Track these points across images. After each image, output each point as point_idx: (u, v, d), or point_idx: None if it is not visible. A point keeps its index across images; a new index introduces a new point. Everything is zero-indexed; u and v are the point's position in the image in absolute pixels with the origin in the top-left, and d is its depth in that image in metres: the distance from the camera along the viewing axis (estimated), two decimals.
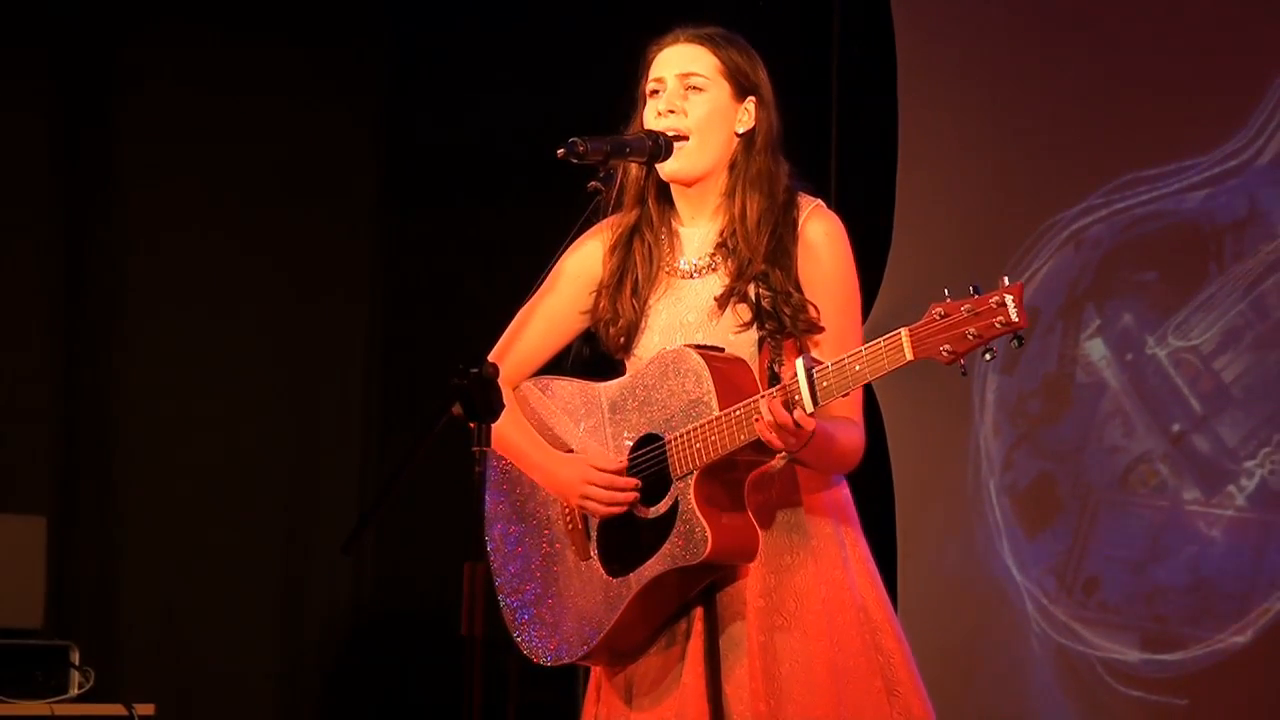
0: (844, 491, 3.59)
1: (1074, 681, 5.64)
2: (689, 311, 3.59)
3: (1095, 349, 5.69)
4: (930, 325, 3.21)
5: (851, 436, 3.50)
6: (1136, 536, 5.58)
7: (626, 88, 3.66)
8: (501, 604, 3.66)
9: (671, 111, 3.56)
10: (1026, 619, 5.71)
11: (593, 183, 3.51)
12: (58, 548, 6.06)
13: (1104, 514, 5.63)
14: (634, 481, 3.51)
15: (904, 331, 3.23)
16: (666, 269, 3.63)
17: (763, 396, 3.34)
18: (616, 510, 3.52)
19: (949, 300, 3.21)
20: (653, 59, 3.63)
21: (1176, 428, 5.55)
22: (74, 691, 5.65)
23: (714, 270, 3.59)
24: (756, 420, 3.32)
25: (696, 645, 3.49)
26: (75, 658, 5.68)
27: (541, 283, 3.58)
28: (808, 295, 3.52)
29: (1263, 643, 5.35)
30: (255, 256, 6.64)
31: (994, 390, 5.84)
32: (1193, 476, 5.50)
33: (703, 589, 3.49)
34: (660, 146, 3.54)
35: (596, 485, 3.53)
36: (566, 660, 3.60)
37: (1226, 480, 5.45)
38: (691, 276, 3.61)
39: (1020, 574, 5.74)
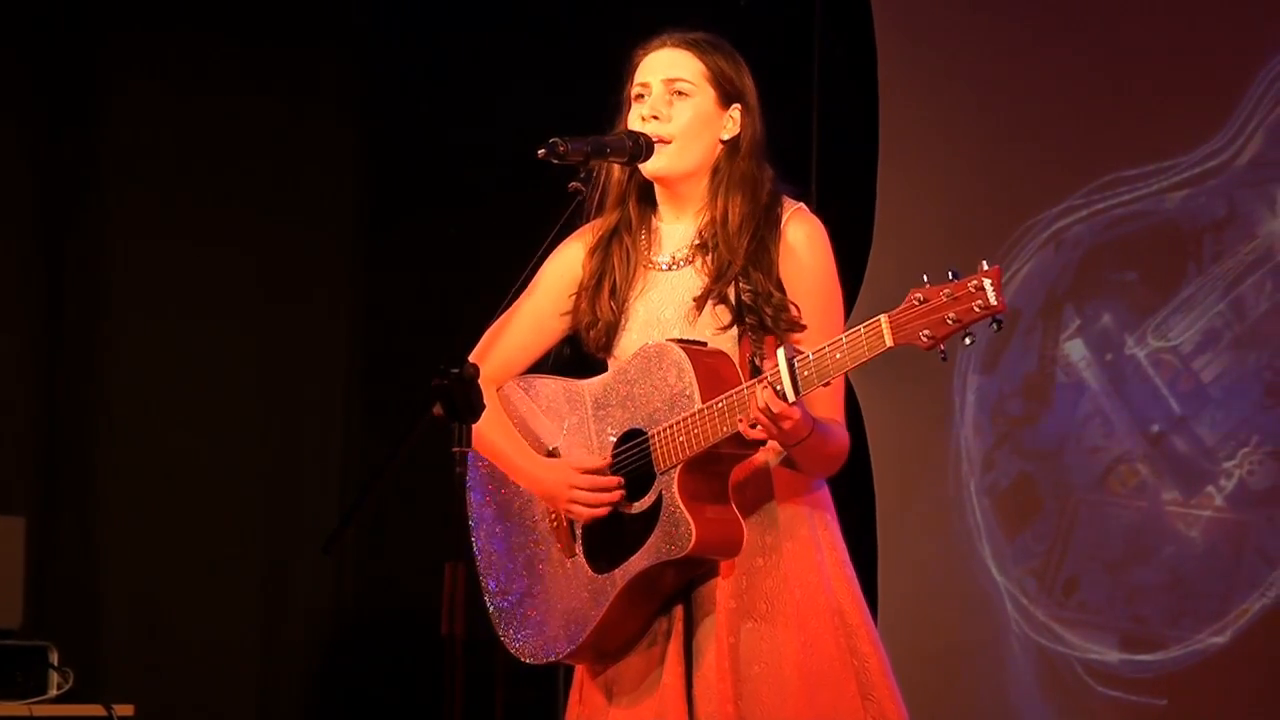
0: (822, 493, 3.58)
1: (1053, 682, 5.65)
2: (666, 307, 3.59)
3: (1075, 349, 5.70)
4: (910, 311, 3.20)
5: (840, 437, 3.51)
6: (1116, 537, 5.59)
7: (610, 92, 3.66)
8: (489, 605, 3.66)
9: (655, 117, 3.56)
10: (1006, 619, 5.72)
11: (573, 183, 3.51)
12: (37, 548, 6.04)
13: (1084, 514, 5.64)
14: (617, 480, 3.51)
15: (884, 318, 3.22)
16: (643, 263, 3.63)
17: (748, 387, 3.34)
18: (603, 512, 3.52)
19: (928, 285, 3.20)
20: (638, 63, 3.63)
21: (1156, 428, 5.56)
22: (53, 692, 5.64)
23: (691, 264, 3.59)
24: (744, 415, 3.32)
25: (676, 645, 3.49)
26: (54, 658, 5.66)
27: (524, 285, 3.57)
28: (789, 297, 3.52)
29: (1241, 643, 5.36)
30: (236, 257, 6.62)
31: (974, 391, 5.85)
32: (1172, 477, 5.51)
33: (686, 585, 3.49)
34: (641, 147, 3.54)
35: (582, 489, 3.53)
36: (553, 658, 3.60)
37: (1205, 480, 5.47)
38: (669, 269, 3.61)
39: (1000, 574, 5.75)
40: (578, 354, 3.72)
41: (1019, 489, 5.76)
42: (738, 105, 3.61)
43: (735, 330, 3.52)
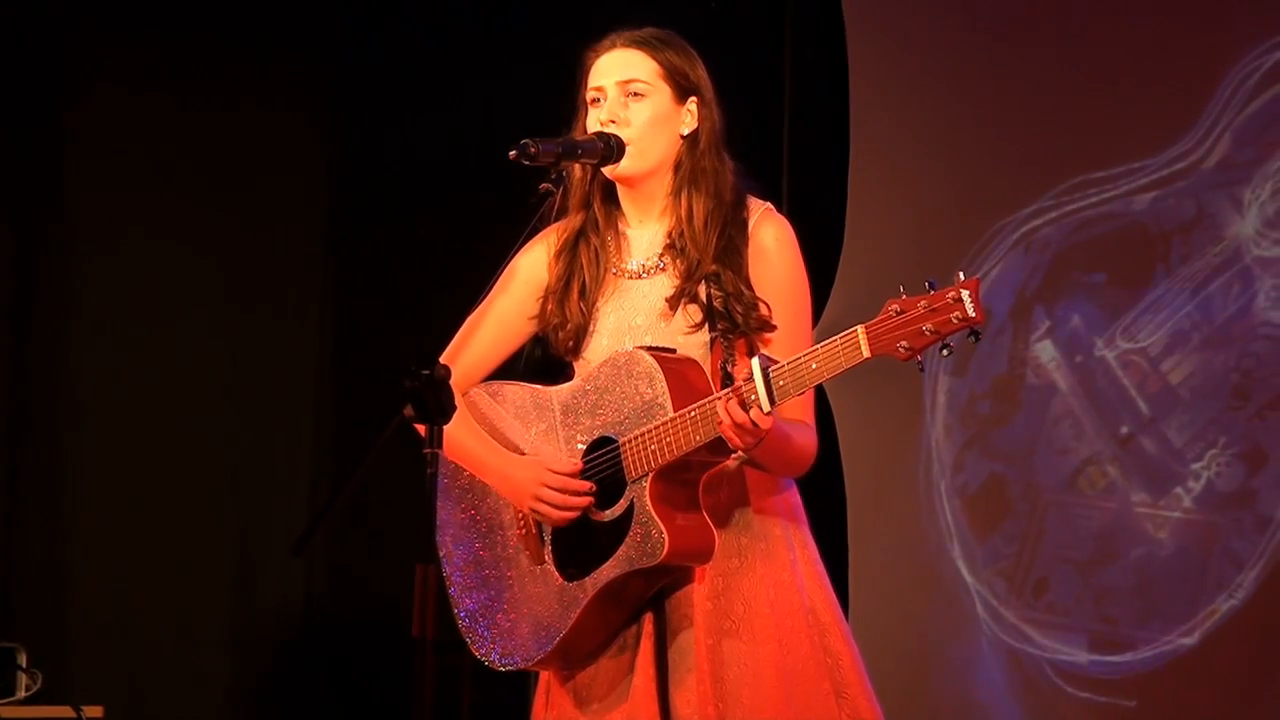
0: (793, 494, 3.58)
1: (1023, 683, 5.66)
2: (637, 314, 3.58)
3: (1045, 351, 5.71)
4: (887, 322, 3.19)
5: (806, 438, 3.50)
6: (1085, 538, 5.60)
7: (579, 91, 3.65)
8: (455, 610, 3.64)
9: (613, 121, 3.55)
10: (976, 621, 5.73)
11: (544, 185, 3.51)
12: (5, 549, 6.03)
13: (1053, 516, 5.65)
14: (589, 485, 3.50)
15: (860, 329, 3.20)
16: (614, 270, 3.62)
17: (719, 398, 3.33)
18: (570, 515, 3.50)
19: (905, 296, 3.19)
20: (590, 66, 3.61)
21: (1125, 430, 5.57)
22: (22, 694, 5.62)
23: (663, 270, 3.58)
24: (718, 423, 3.31)
25: (646, 651, 3.49)
26: (23, 660, 5.64)
27: (491, 287, 3.57)
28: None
29: (1209, 644, 5.38)
30: (206, 258, 6.61)
31: (945, 392, 5.86)
32: (1140, 478, 5.53)
33: (656, 593, 3.48)
34: (612, 148, 3.53)
35: (551, 488, 3.50)
36: (520, 665, 3.59)
37: (1174, 482, 5.48)
38: (640, 277, 3.60)
39: (970, 576, 5.76)
40: (548, 355, 3.71)
41: (989, 490, 5.78)
42: (694, 98, 3.60)
43: (707, 334, 3.51)
